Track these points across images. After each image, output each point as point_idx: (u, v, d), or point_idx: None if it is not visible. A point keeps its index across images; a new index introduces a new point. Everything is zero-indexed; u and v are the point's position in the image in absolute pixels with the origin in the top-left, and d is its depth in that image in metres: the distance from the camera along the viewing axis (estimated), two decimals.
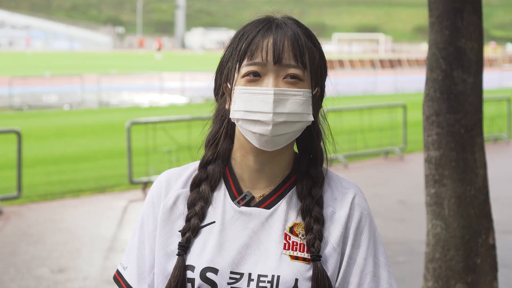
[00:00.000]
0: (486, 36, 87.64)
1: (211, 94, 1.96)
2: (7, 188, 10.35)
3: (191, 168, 1.93)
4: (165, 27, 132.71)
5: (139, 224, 1.92)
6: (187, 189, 1.89)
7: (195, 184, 1.88)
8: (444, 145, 4.04)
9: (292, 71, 1.78)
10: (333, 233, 1.81)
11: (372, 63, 48.43)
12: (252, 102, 1.77)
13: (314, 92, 1.83)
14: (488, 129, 15.71)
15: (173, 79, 32.10)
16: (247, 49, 1.79)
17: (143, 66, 47.79)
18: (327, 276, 1.78)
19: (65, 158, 13.55)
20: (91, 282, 6.74)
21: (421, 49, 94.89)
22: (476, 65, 4.05)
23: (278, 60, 1.77)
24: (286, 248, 1.79)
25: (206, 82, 1.95)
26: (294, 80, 1.78)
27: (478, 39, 4.05)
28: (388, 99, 25.63)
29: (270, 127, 1.76)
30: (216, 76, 1.88)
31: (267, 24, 1.81)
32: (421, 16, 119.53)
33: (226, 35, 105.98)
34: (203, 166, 1.90)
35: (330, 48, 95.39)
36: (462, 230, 4.03)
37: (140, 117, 15.95)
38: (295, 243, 1.80)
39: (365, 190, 2.00)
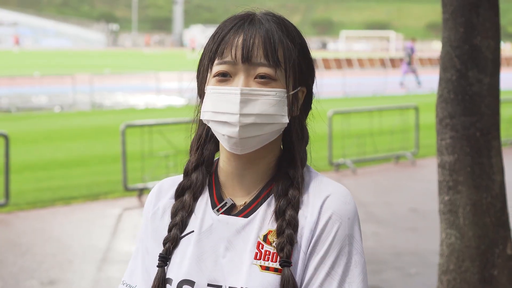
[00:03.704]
0: (503, 34, 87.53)
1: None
2: None
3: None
4: (162, 24, 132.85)
5: (140, 238, 1.95)
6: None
7: (179, 193, 1.90)
8: (458, 149, 4.04)
9: (262, 70, 1.77)
10: (303, 242, 1.78)
11: (382, 62, 48.42)
12: (220, 102, 1.78)
13: (295, 91, 1.82)
14: (505, 133, 15.69)
15: (170, 79, 32.11)
16: (218, 47, 1.80)
17: (140, 65, 47.84)
18: (294, 284, 1.74)
19: (56, 163, 13.56)
20: None
21: (434, 47, 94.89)
22: (492, 64, 4.05)
23: (247, 59, 1.76)
24: (257, 257, 1.77)
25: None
26: (266, 80, 1.77)
27: (494, 36, 4.06)
28: (399, 100, 25.62)
29: (237, 129, 1.76)
30: (197, 75, 1.89)
31: (240, 21, 1.81)
32: (434, 12, 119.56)
33: None
34: (187, 173, 1.92)
35: (337, 46, 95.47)
36: (477, 239, 4.03)
37: (136, 119, 15.96)
38: (267, 252, 1.77)
39: (374, 197, 1.99)
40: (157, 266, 1.83)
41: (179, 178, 1.95)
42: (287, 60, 1.79)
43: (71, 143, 15.95)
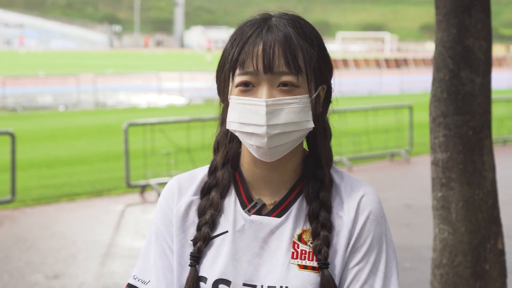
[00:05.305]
0: (495, 35, 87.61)
1: (211, 94, 1.93)
2: (0, 191, 10.35)
3: (202, 173, 1.90)
4: (163, 25, 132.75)
5: (155, 235, 1.89)
6: (198, 196, 1.87)
7: (205, 191, 1.86)
8: (451, 147, 4.04)
9: (285, 78, 1.73)
10: (341, 241, 1.78)
11: (377, 63, 48.43)
12: (246, 113, 1.74)
13: (316, 93, 1.80)
14: (497, 131, 15.71)
15: (171, 79, 32.10)
16: (238, 57, 1.75)
17: (141, 66, 47.80)
18: (334, 284, 1.75)
19: (60, 160, 13.55)
20: None
21: (428, 48, 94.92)
22: (484, 65, 4.05)
23: (269, 69, 1.73)
24: (294, 257, 1.77)
25: (206, 82, 1.93)
26: (288, 88, 1.74)
27: (486, 38, 4.05)
28: (394, 99, 25.62)
29: (265, 140, 1.73)
30: (217, 77, 1.85)
31: (258, 28, 1.76)
32: (428, 14, 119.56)
33: (226, 33, 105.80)
34: (212, 172, 1.88)
35: (334, 47, 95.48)
36: (470, 235, 4.03)
37: (138, 118, 15.95)
38: (303, 251, 1.77)
39: None
40: (190, 266, 1.80)
41: (195, 173, 1.91)
42: (308, 64, 1.76)
43: (75, 141, 15.94)
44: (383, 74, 37.34)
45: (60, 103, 24.85)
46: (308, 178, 1.83)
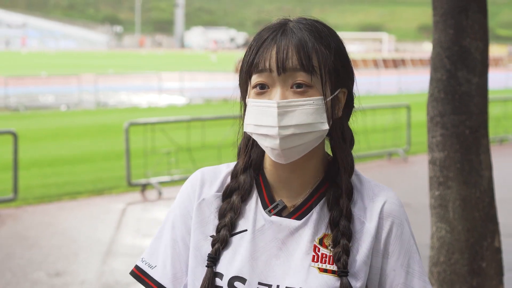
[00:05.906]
0: (492, 36, 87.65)
1: (211, 94, 1.93)
2: (2, 190, 10.36)
3: (227, 170, 1.91)
4: (164, 26, 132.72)
5: (171, 222, 1.90)
6: (220, 193, 1.88)
7: (227, 194, 1.86)
8: (448, 146, 4.04)
9: (299, 77, 1.72)
10: (363, 246, 1.79)
11: (375, 63, 48.44)
12: (260, 115, 1.74)
13: (333, 95, 1.78)
14: (493, 130, 15.71)
15: (172, 79, 32.09)
16: (253, 61, 1.75)
17: (142, 66, 47.79)
18: None
19: (62, 159, 13.55)
20: (88, 287, 6.75)
21: (425, 49, 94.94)
22: (481, 65, 4.04)
23: (282, 69, 1.72)
24: (315, 260, 1.77)
25: (206, 82, 1.92)
26: (302, 89, 1.73)
27: (483, 38, 4.05)
28: (392, 99, 25.63)
29: (277, 141, 1.72)
30: (239, 82, 1.84)
31: (273, 32, 1.76)
32: (425, 14, 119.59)
33: (226, 34, 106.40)
34: (234, 176, 1.88)
35: None
36: (467, 233, 4.03)
37: (139, 118, 15.97)
38: (324, 255, 1.78)
39: None
40: (206, 266, 1.81)
41: (219, 170, 1.92)
42: (322, 66, 1.75)
43: (77, 141, 15.94)
44: (381, 74, 37.36)
45: (61, 103, 24.84)
46: (330, 183, 1.83)
